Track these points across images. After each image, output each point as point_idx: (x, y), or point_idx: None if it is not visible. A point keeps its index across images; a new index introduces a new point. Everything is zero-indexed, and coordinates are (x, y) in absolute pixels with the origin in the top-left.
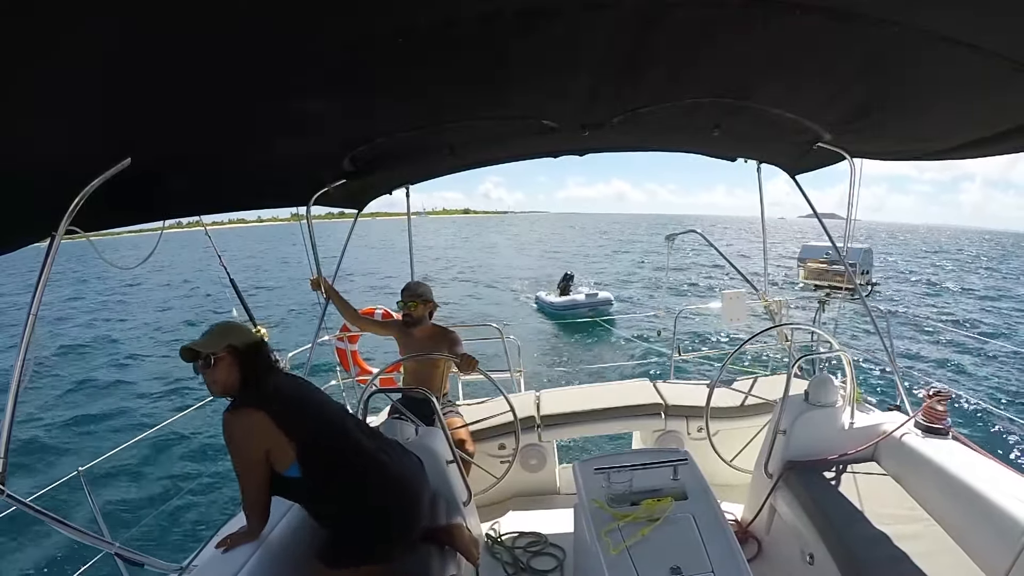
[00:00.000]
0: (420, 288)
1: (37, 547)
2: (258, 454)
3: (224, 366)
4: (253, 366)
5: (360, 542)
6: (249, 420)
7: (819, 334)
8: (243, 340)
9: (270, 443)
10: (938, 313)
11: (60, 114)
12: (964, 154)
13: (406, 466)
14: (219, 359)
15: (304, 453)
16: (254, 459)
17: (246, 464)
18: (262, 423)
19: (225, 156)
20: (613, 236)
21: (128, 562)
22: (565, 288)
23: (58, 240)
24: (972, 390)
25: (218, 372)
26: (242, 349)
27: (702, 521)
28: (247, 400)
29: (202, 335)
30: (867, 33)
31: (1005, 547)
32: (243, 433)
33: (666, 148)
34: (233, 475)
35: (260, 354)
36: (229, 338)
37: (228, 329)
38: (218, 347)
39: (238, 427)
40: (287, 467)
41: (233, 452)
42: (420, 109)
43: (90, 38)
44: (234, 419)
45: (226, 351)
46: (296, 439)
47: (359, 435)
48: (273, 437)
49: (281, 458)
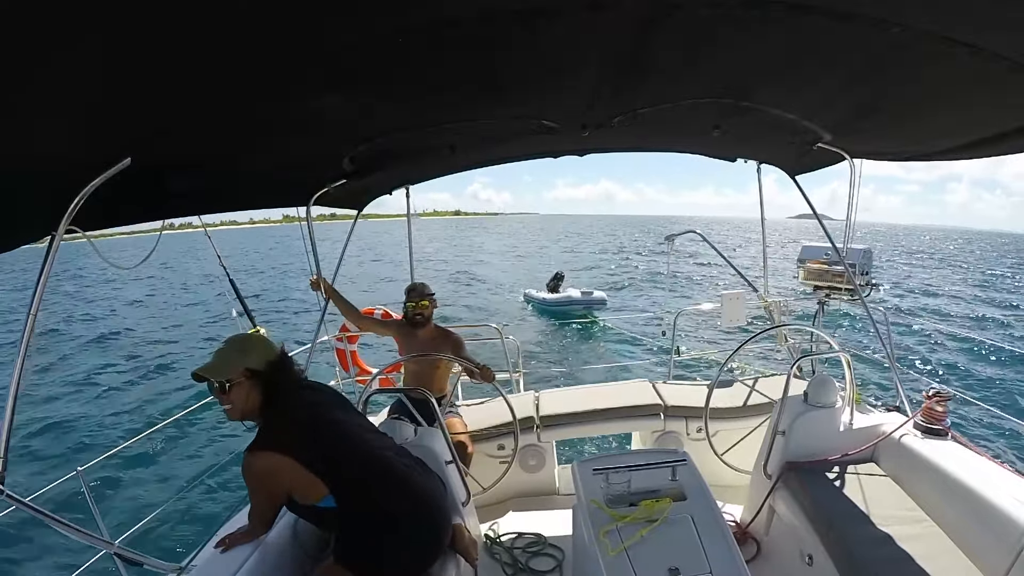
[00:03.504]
0: (426, 288)
1: (37, 547)
2: (278, 491)
3: (242, 391)
4: (275, 387)
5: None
6: (272, 464)
7: (819, 335)
8: (262, 359)
9: (296, 484)
10: (937, 314)
11: (60, 114)
12: (964, 154)
13: (433, 487)
14: (235, 384)
15: (337, 487)
16: (273, 494)
17: (262, 498)
18: (287, 467)
19: (225, 156)
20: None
21: (128, 562)
22: (555, 287)
23: (58, 240)
24: (971, 391)
25: (235, 397)
26: (262, 371)
27: (701, 522)
28: (270, 442)
29: (215, 353)
30: (867, 33)
31: (1004, 548)
32: (266, 474)
33: (666, 148)
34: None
35: (283, 371)
36: (246, 359)
37: (245, 347)
38: (234, 372)
39: (259, 469)
40: (319, 499)
41: (251, 489)
42: (420, 109)
43: (90, 38)
44: (257, 462)
45: (243, 375)
46: (327, 478)
47: (389, 456)
48: (300, 478)
49: (312, 493)
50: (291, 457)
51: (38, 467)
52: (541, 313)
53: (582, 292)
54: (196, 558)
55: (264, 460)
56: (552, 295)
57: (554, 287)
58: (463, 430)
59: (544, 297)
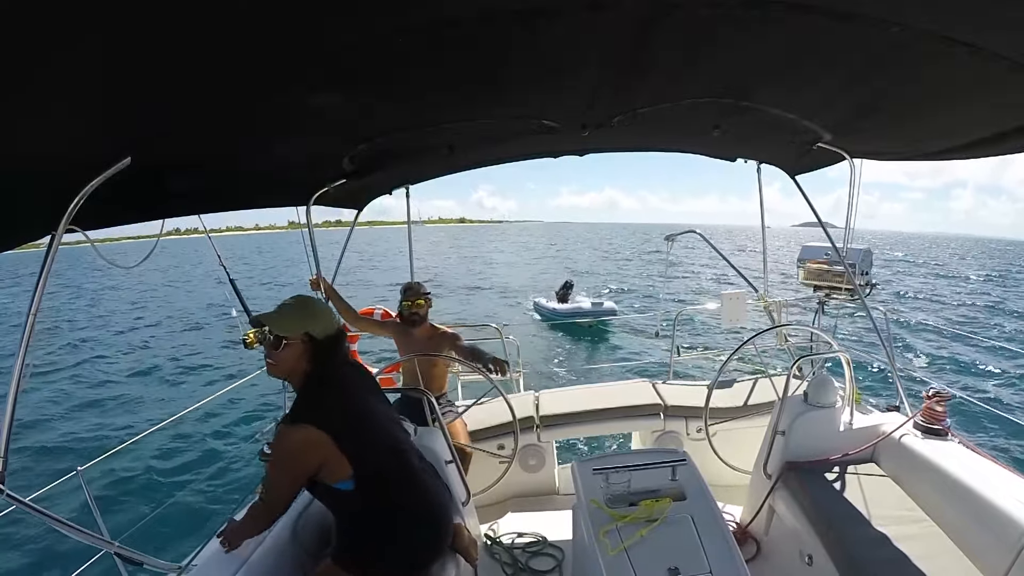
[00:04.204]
0: (423, 288)
1: (37, 547)
2: (307, 469)
3: (294, 352)
4: (324, 361)
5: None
6: (309, 437)
7: (818, 335)
8: (324, 330)
9: (326, 459)
10: (937, 315)
11: (60, 114)
12: (964, 154)
13: (440, 490)
14: (290, 344)
15: (360, 471)
16: (300, 473)
17: (290, 475)
18: (322, 442)
19: (225, 156)
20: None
21: (128, 562)
22: (564, 296)
23: (58, 240)
24: (971, 391)
25: (285, 355)
26: (320, 340)
27: (700, 522)
28: (311, 416)
29: (280, 307)
30: (867, 33)
31: (1004, 548)
32: (299, 449)
33: (666, 148)
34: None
35: (337, 349)
36: (310, 324)
37: (310, 312)
38: (295, 332)
39: (296, 442)
40: (339, 480)
41: (279, 462)
42: (420, 109)
43: (90, 38)
44: (294, 434)
45: (302, 339)
46: (355, 459)
47: (408, 452)
48: (331, 455)
49: (335, 472)
50: (329, 435)
51: (38, 467)
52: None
53: (592, 302)
54: (196, 558)
55: (303, 433)
56: (562, 305)
57: (563, 296)
58: (463, 430)
59: (554, 307)
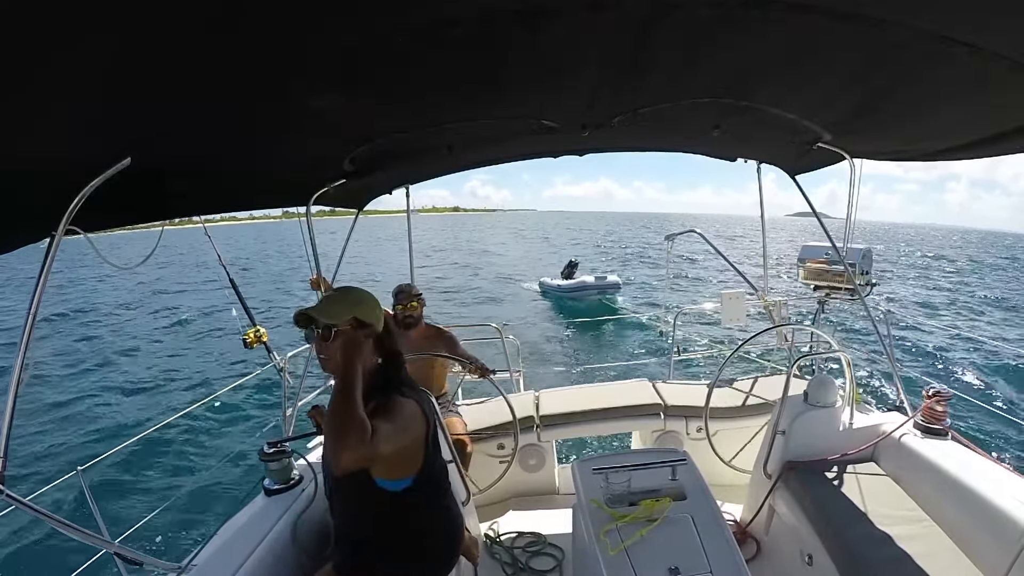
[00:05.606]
0: (414, 289)
1: (37, 547)
2: (417, 437)
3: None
4: (391, 347)
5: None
6: (416, 412)
7: (818, 334)
8: (373, 318)
9: (415, 442)
10: (937, 314)
11: (60, 114)
12: (964, 154)
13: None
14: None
15: (427, 470)
16: (416, 436)
17: (412, 435)
18: (422, 424)
19: (225, 156)
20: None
21: (128, 562)
22: (569, 274)
23: (58, 240)
24: (971, 390)
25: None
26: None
27: (701, 521)
28: (412, 396)
29: (323, 299)
30: (867, 33)
31: (1004, 548)
32: (413, 416)
33: (666, 148)
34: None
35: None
36: (356, 310)
37: (357, 298)
38: (342, 317)
39: (412, 408)
40: (404, 476)
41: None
42: (420, 109)
43: (90, 38)
44: (407, 405)
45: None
46: (428, 457)
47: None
48: (418, 442)
49: (399, 465)
50: (426, 421)
51: (38, 467)
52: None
53: (596, 277)
54: (196, 558)
55: (413, 407)
56: (567, 282)
57: (568, 274)
58: (463, 430)
59: (559, 284)
